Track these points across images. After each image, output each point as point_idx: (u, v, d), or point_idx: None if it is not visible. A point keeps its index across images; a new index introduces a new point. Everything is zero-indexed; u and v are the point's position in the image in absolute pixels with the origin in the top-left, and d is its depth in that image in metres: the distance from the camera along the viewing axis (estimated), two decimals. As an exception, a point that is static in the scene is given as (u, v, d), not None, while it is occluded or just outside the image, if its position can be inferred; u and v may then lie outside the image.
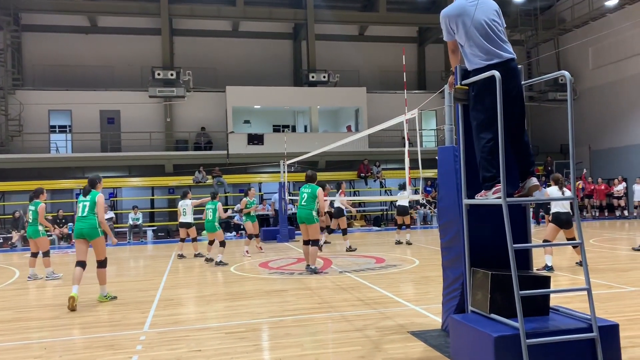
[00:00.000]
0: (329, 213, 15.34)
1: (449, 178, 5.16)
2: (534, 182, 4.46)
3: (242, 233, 19.10)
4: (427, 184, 22.26)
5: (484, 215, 4.74)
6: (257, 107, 26.12)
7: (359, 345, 5.18)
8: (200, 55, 26.28)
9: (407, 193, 14.38)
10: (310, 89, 25.64)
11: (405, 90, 9.53)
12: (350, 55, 27.93)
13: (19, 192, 21.29)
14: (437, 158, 5.44)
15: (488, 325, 4.16)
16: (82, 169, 23.31)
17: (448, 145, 5.29)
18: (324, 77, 25.24)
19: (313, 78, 25.16)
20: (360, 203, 23.17)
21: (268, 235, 17.60)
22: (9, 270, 12.19)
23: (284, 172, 17.63)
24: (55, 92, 23.74)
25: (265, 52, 27.36)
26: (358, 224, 22.65)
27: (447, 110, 5.36)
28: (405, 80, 9.22)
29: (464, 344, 4.40)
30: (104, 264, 7.94)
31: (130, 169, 24.41)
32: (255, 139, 24.33)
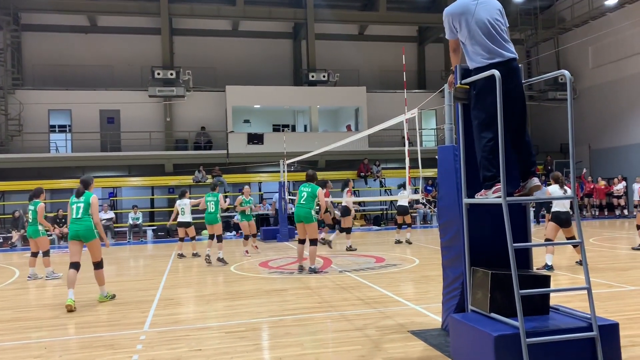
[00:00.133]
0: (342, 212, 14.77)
1: (449, 177, 5.15)
2: (536, 182, 4.44)
3: (241, 232, 19.07)
4: (427, 183, 22.25)
5: (484, 215, 4.73)
6: (257, 106, 26.11)
7: (359, 345, 5.17)
8: (200, 55, 26.26)
9: (406, 192, 14.39)
10: (310, 89, 25.63)
11: (405, 90, 9.54)
12: (350, 55, 27.91)
13: (19, 191, 21.29)
14: (437, 157, 5.43)
15: (488, 325, 4.16)
16: (82, 169, 23.27)
17: (448, 145, 5.29)
18: (324, 76, 25.23)
19: (313, 77, 25.15)
20: (360, 202, 23.15)
21: (268, 235, 17.61)
22: (9, 270, 12.18)
23: (284, 171, 17.63)
24: (55, 91, 23.73)
25: (265, 51, 27.35)
26: (358, 224, 22.65)
27: (447, 110, 5.36)
28: (405, 80, 9.22)
29: (464, 343, 4.40)
30: (101, 265, 7.89)
31: (130, 169, 24.40)
32: (255, 139, 24.32)
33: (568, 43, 26.24)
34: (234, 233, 20.13)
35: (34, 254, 10.57)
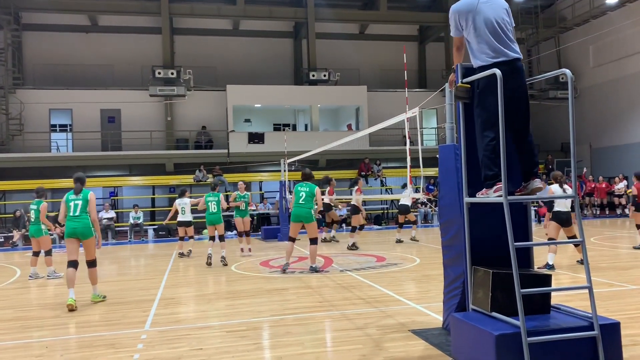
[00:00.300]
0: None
1: (450, 176, 5.15)
2: (538, 183, 4.42)
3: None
4: (429, 182, 22.24)
5: (485, 214, 4.73)
6: (257, 105, 26.10)
7: (360, 344, 5.17)
8: (201, 54, 26.26)
9: (408, 192, 14.40)
10: (311, 88, 25.62)
11: (406, 89, 9.54)
12: (351, 54, 27.90)
13: (20, 191, 21.31)
14: (438, 156, 5.43)
15: (489, 324, 4.16)
16: (82, 168, 23.28)
17: (449, 144, 5.29)
18: (325, 75, 25.21)
19: (313, 77, 25.14)
20: (362, 202, 23.15)
21: (269, 234, 17.61)
22: (10, 269, 12.19)
23: (285, 170, 17.63)
24: (56, 91, 23.73)
25: (266, 50, 27.35)
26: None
27: (447, 109, 5.36)
28: (406, 79, 9.23)
29: (465, 342, 4.40)
30: (95, 264, 7.82)
31: (131, 168, 24.41)
32: (256, 138, 24.31)
33: (569, 42, 26.22)
34: (235, 232, 20.08)
35: (36, 253, 10.58)
